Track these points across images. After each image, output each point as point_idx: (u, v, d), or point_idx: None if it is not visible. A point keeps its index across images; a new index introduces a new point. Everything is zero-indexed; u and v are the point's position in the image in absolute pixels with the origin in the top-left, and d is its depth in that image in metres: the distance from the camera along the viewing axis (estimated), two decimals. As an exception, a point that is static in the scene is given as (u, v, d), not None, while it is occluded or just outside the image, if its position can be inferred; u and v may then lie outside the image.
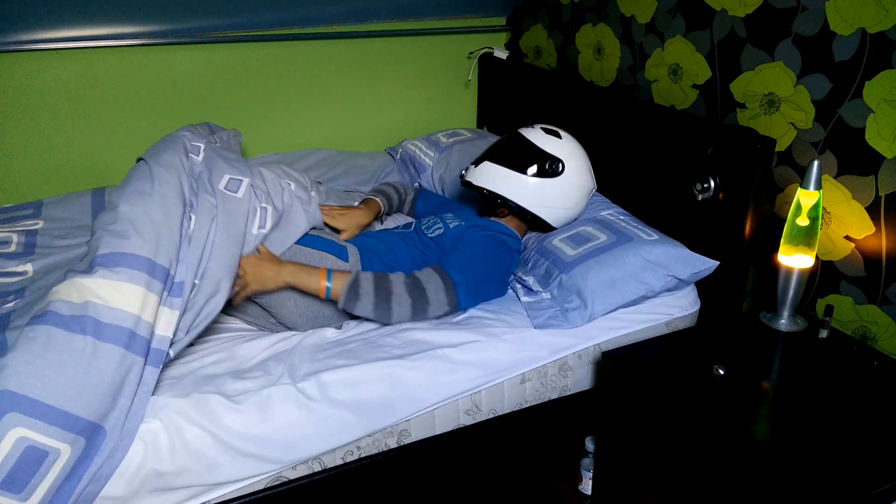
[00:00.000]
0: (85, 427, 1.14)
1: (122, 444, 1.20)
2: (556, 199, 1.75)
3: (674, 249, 1.68)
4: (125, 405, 1.19)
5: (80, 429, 1.13)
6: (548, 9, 2.49)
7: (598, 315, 1.63)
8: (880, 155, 1.46)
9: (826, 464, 1.18)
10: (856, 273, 1.56)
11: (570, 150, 1.77)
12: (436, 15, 2.59)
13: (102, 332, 1.16)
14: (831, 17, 1.51)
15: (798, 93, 1.61)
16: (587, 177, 1.79)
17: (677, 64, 1.96)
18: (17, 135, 2.16)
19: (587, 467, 1.75)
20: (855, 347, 1.51)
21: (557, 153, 1.74)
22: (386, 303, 1.52)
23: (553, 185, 1.73)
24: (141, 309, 1.21)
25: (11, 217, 1.98)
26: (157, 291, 1.25)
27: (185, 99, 2.34)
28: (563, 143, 1.76)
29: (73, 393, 1.13)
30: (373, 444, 1.46)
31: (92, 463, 1.15)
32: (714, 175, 1.70)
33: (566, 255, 1.72)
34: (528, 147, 1.75)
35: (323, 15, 2.41)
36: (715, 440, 1.25)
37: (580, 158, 1.78)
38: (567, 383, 1.65)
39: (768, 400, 1.37)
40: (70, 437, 1.12)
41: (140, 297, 1.21)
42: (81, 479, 1.14)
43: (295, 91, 2.49)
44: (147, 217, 1.31)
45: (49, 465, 1.10)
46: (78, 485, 1.14)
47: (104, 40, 2.16)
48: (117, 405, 1.18)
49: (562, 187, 1.74)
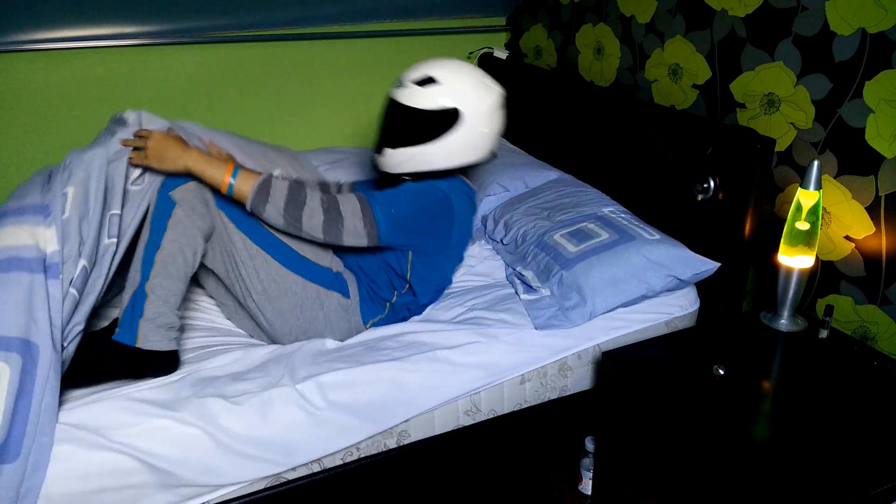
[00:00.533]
0: (13, 344, 1.22)
1: (56, 355, 1.26)
2: (474, 137, 1.58)
3: (675, 250, 1.68)
4: (44, 318, 1.27)
5: (8, 346, 1.22)
6: (548, 9, 2.49)
7: (598, 313, 1.63)
8: (880, 155, 1.46)
9: (826, 464, 1.18)
10: (856, 273, 1.56)
11: (454, 87, 1.55)
12: (436, 15, 2.59)
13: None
14: (831, 17, 1.51)
15: (798, 93, 1.61)
16: (486, 93, 1.58)
17: (677, 64, 1.96)
18: (17, 135, 2.17)
19: (587, 467, 1.75)
20: (855, 347, 1.51)
21: (445, 103, 1.53)
22: (297, 211, 1.46)
23: (461, 131, 1.55)
24: (16, 239, 1.36)
25: (11, 217, 1.99)
26: (28, 223, 1.40)
27: (185, 99, 2.34)
28: (444, 86, 1.54)
29: None
30: (372, 444, 1.46)
31: (37, 376, 1.22)
32: (714, 175, 1.70)
33: (567, 251, 1.71)
34: (413, 116, 1.54)
35: (323, 15, 2.41)
36: (715, 440, 1.25)
37: (469, 83, 1.56)
38: (567, 383, 1.65)
39: (768, 400, 1.37)
40: (2, 355, 1.21)
41: (11, 233, 1.38)
42: (34, 393, 1.21)
43: (295, 91, 2.49)
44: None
45: None
46: (32, 399, 1.21)
47: (104, 40, 2.16)
48: (36, 319, 1.27)
49: (472, 126, 1.56)
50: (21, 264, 1.30)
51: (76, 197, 1.43)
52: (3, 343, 1.22)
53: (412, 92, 1.56)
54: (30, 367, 1.22)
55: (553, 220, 1.87)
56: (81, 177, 1.46)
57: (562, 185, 2.08)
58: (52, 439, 1.21)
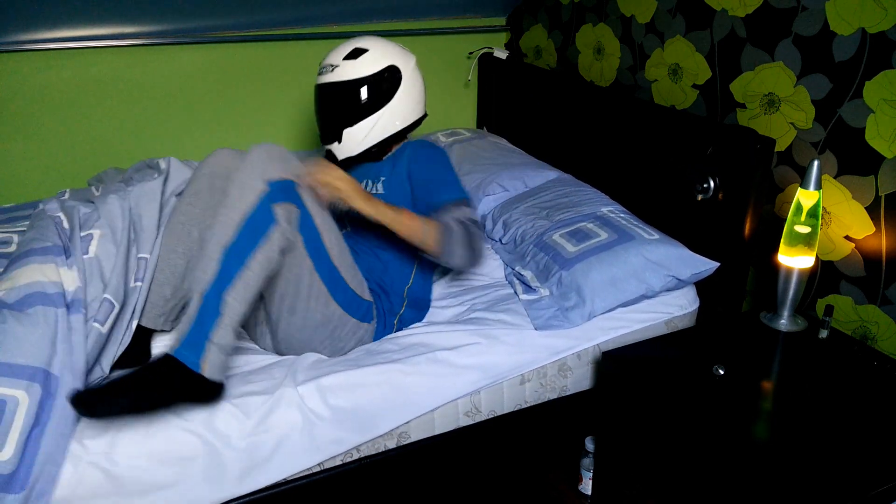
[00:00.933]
0: (34, 374, 1.23)
1: (76, 385, 1.26)
2: (416, 91, 1.67)
3: (675, 250, 1.68)
4: (65, 350, 1.29)
5: (30, 376, 1.22)
6: (548, 9, 2.49)
7: (598, 313, 1.63)
8: (880, 155, 1.46)
9: (826, 464, 1.18)
10: (856, 273, 1.56)
11: (383, 50, 1.63)
12: (436, 15, 2.59)
13: (22, 304, 1.33)
14: (831, 17, 1.51)
15: (798, 93, 1.61)
16: (407, 52, 1.68)
17: (677, 64, 1.96)
18: (17, 135, 2.17)
19: (587, 467, 1.75)
20: (855, 347, 1.50)
21: (383, 63, 1.61)
22: (470, 250, 1.51)
23: (405, 86, 1.64)
24: (42, 276, 1.39)
25: (11, 217, 1.99)
26: (52, 262, 1.44)
27: (185, 99, 2.34)
28: (374, 52, 1.62)
29: (12, 347, 1.23)
30: (372, 444, 1.46)
31: (53, 407, 1.23)
32: (714, 175, 1.70)
33: (567, 251, 1.71)
34: (360, 85, 1.59)
35: (323, 15, 2.41)
36: (715, 440, 1.25)
37: (391, 46, 1.66)
38: (567, 384, 1.65)
39: (768, 400, 1.37)
40: (23, 385, 1.21)
41: (38, 271, 1.40)
42: (48, 424, 1.21)
43: (295, 91, 2.49)
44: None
45: (12, 413, 1.18)
46: (46, 429, 1.20)
47: (104, 40, 2.16)
48: (58, 351, 1.28)
49: (411, 80, 1.65)
50: (46, 299, 1.34)
51: (103, 237, 1.50)
52: (25, 372, 1.23)
53: (348, 67, 1.60)
54: (47, 398, 1.23)
55: (552, 219, 1.86)
56: (108, 219, 1.53)
57: (561, 184, 2.07)
58: (59, 469, 1.20)
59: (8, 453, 1.16)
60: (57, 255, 1.45)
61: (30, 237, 1.53)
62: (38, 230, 1.54)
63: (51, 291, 1.35)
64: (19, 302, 1.33)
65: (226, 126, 2.43)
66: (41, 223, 1.57)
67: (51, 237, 1.50)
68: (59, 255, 1.46)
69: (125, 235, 1.52)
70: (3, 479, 1.14)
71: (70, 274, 1.42)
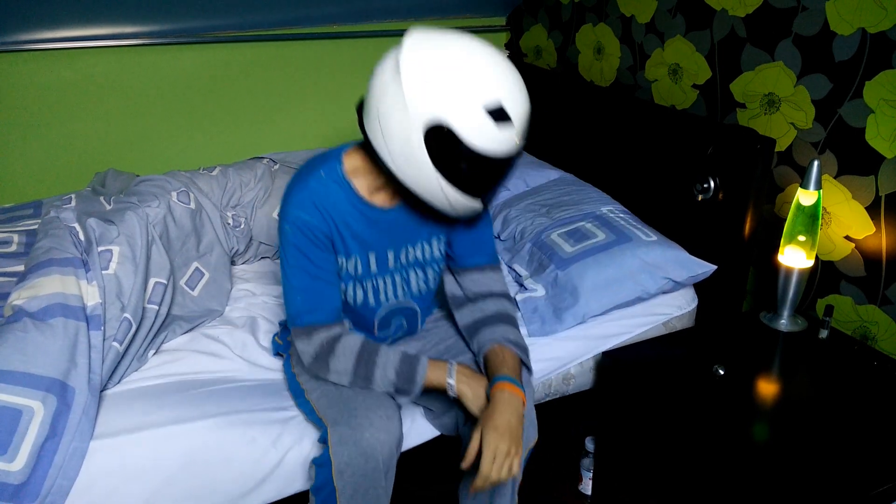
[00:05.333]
0: (51, 385, 1.23)
1: (92, 400, 1.27)
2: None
3: (672, 252, 1.68)
4: (84, 364, 1.30)
5: (47, 387, 1.23)
6: (548, 9, 2.49)
7: (591, 314, 1.62)
8: (880, 155, 1.46)
9: (826, 464, 1.18)
10: (856, 273, 1.56)
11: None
12: (436, 15, 2.59)
13: (44, 314, 1.33)
14: (831, 17, 1.51)
15: (798, 93, 1.61)
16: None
17: (677, 64, 1.96)
18: (17, 135, 2.16)
19: (587, 467, 1.75)
20: (855, 347, 1.51)
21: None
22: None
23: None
24: (63, 288, 1.39)
25: (11, 217, 1.98)
26: (73, 275, 1.44)
27: (185, 99, 2.34)
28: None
29: (32, 357, 1.24)
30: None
31: (69, 419, 1.23)
32: (714, 175, 1.70)
33: (564, 251, 1.71)
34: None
35: (323, 15, 2.41)
36: (715, 440, 1.25)
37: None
38: (568, 389, 1.65)
39: (768, 400, 1.37)
40: (39, 395, 1.21)
41: (60, 282, 1.41)
42: (63, 436, 1.21)
43: (295, 91, 2.49)
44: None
45: (27, 423, 1.18)
46: (61, 442, 1.20)
47: (104, 40, 2.16)
48: (76, 363, 1.29)
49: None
50: (68, 311, 1.35)
51: (122, 255, 1.52)
52: (43, 383, 1.23)
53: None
54: (63, 409, 1.23)
55: (552, 217, 1.86)
56: (127, 236, 1.55)
57: (562, 183, 2.08)
58: (71, 483, 1.20)
59: (20, 463, 1.15)
60: (77, 268, 1.46)
61: (47, 245, 1.52)
62: (55, 239, 1.54)
63: (73, 304, 1.36)
64: (41, 311, 1.33)
65: (226, 126, 2.43)
66: (57, 232, 1.56)
67: (69, 248, 1.50)
68: (80, 267, 1.46)
69: (143, 254, 1.54)
70: (14, 489, 1.14)
71: (91, 289, 1.43)
